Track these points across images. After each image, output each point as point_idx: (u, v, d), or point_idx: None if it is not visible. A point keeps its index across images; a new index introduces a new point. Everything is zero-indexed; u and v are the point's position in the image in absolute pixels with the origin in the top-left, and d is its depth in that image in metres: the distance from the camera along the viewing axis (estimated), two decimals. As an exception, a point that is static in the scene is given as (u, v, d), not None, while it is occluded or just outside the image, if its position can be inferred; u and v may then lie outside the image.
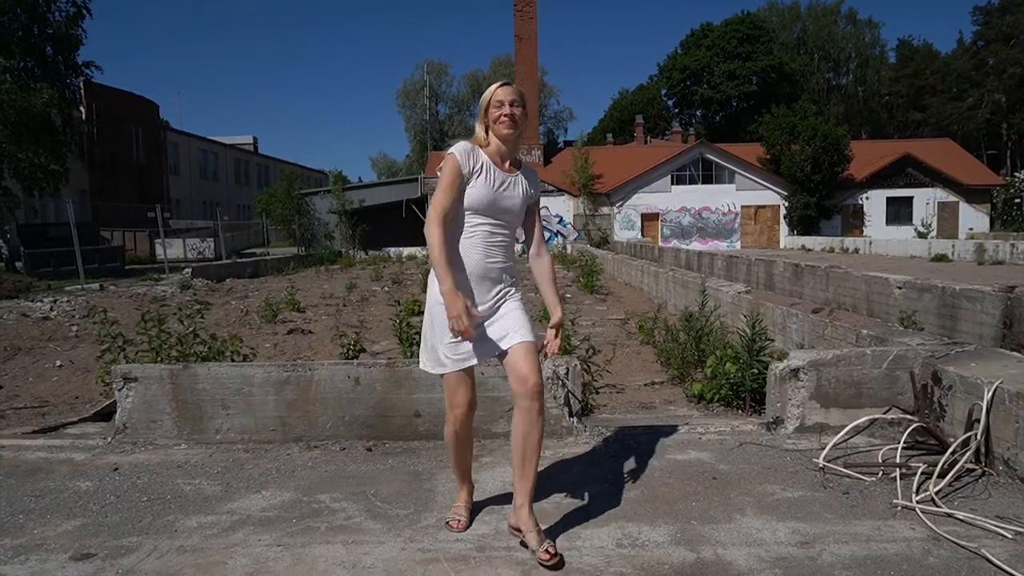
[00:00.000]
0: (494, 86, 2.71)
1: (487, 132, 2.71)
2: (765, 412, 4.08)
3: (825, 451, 3.43)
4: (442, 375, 2.67)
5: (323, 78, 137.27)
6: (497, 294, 2.68)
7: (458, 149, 2.62)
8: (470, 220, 2.64)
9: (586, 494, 3.12)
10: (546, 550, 2.44)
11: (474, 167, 2.62)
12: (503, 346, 2.61)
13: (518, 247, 2.88)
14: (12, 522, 2.93)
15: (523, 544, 2.56)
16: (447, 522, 2.80)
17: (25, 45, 21.59)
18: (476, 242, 2.63)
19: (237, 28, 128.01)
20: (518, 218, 2.75)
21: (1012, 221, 39.07)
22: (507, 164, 2.72)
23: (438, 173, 2.62)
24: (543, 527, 2.76)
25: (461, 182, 2.59)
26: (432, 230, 2.52)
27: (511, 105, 2.64)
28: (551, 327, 2.83)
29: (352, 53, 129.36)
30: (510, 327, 2.62)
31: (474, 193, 2.61)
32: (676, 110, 63.34)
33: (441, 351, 2.62)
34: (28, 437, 4.18)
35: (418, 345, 5.74)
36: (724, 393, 4.62)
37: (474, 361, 2.62)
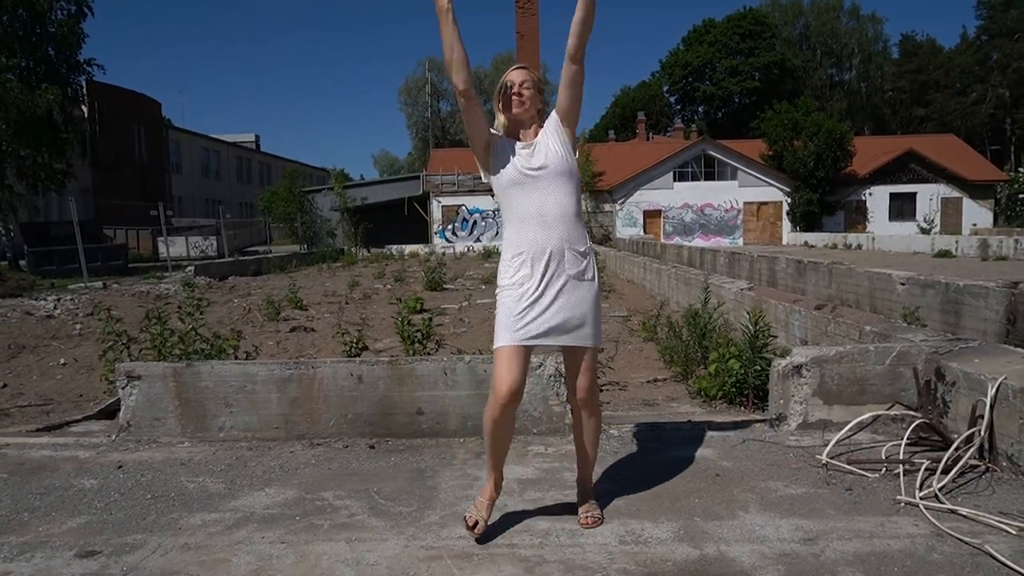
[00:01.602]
0: (509, 69, 2.83)
1: (503, 116, 2.83)
2: (768, 409, 4.07)
3: (828, 448, 3.42)
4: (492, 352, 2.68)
5: (325, 76, 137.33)
6: (566, 269, 2.63)
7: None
8: (512, 200, 2.67)
9: (589, 491, 3.12)
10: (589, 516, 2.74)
11: (496, 135, 2.76)
12: (570, 342, 2.64)
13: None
14: (17, 519, 2.94)
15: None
16: (465, 515, 2.68)
17: (27, 44, 21.60)
18: (528, 217, 2.64)
19: (239, 26, 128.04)
20: (567, 173, 2.68)
21: (1016, 217, 38.94)
22: (527, 134, 2.78)
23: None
24: (546, 524, 2.77)
25: (488, 124, 2.73)
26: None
27: (520, 85, 2.74)
28: None
29: (354, 50, 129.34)
30: (579, 323, 2.64)
31: (503, 171, 2.69)
32: (678, 107, 63.23)
33: (504, 323, 2.62)
34: (33, 435, 4.19)
35: (419, 343, 5.79)
36: (727, 390, 4.62)
37: (531, 340, 2.58)
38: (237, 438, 3.95)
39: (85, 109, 28.61)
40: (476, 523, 2.62)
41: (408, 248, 31.56)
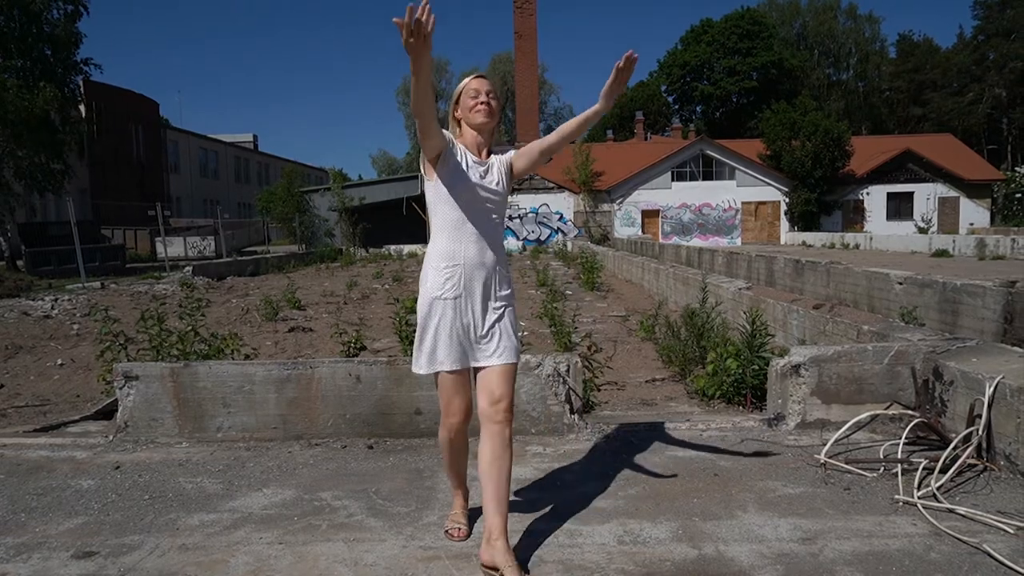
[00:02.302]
0: (468, 78, 2.64)
1: (460, 126, 2.65)
2: (766, 408, 4.08)
3: (826, 447, 3.42)
4: (435, 381, 2.57)
5: (323, 76, 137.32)
6: (494, 301, 2.55)
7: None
8: (452, 215, 2.51)
9: (587, 491, 3.12)
10: None
11: (452, 144, 2.53)
12: (482, 363, 2.50)
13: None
14: (14, 520, 2.93)
15: None
16: (446, 531, 2.70)
17: (23, 44, 21.56)
18: (467, 234, 2.51)
19: (237, 26, 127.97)
20: (503, 200, 2.64)
21: (1013, 216, 39.03)
22: (484, 154, 2.64)
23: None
24: (544, 524, 2.77)
25: (444, 138, 2.49)
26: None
27: (487, 95, 2.59)
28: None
29: (352, 50, 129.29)
30: (494, 346, 2.51)
31: (457, 180, 2.50)
32: (676, 106, 63.24)
33: (426, 346, 2.52)
34: (30, 435, 4.18)
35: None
36: (725, 389, 4.62)
37: (457, 365, 2.49)
38: (235, 438, 3.95)
39: (83, 109, 28.56)
40: (459, 529, 2.69)
41: (406, 248, 31.54)
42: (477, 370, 2.54)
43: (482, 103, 2.58)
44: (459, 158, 2.53)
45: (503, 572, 2.29)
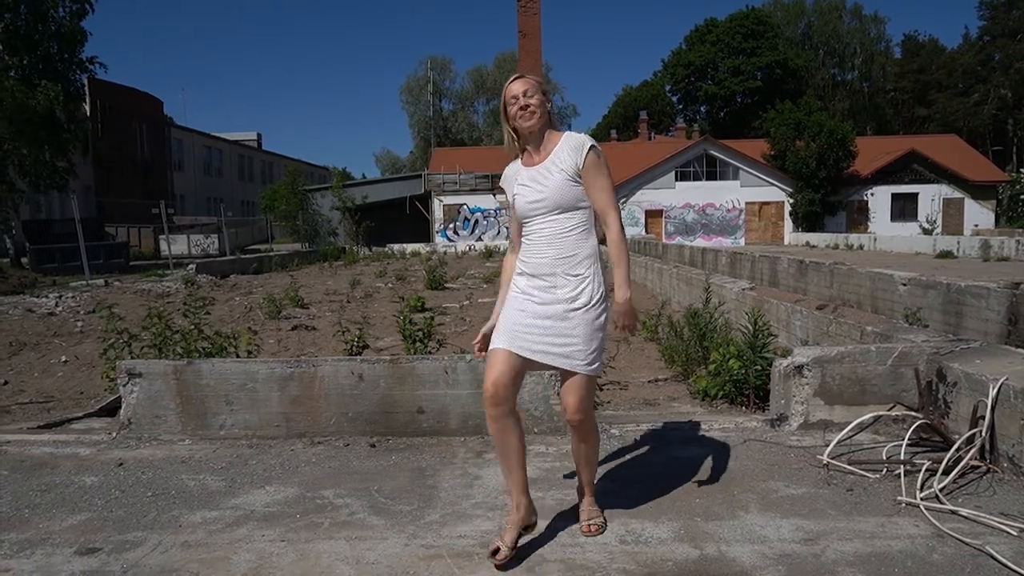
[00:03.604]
0: (508, 82, 2.62)
1: (516, 134, 2.63)
2: (769, 409, 4.07)
3: (829, 448, 3.42)
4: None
5: (327, 74, 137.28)
6: (566, 288, 2.52)
7: (505, 173, 2.73)
8: (525, 227, 2.63)
9: (589, 490, 3.11)
10: (586, 523, 2.68)
11: (511, 181, 2.68)
12: (564, 366, 2.52)
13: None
14: (18, 516, 2.94)
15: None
16: (491, 548, 2.46)
17: (29, 42, 21.62)
18: (531, 242, 2.59)
19: (241, 24, 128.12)
20: (566, 204, 2.53)
21: (1018, 217, 38.89)
22: (537, 157, 2.61)
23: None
24: (546, 523, 2.77)
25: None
26: (507, 258, 2.76)
27: (524, 96, 2.55)
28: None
29: (356, 49, 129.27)
30: (574, 352, 2.50)
31: (515, 205, 2.65)
32: (680, 106, 63.16)
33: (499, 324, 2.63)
34: (33, 432, 4.19)
35: (421, 342, 5.78)
36: (728, 390, 4.61)
37: (521, 352, 2.50)
38: (238, 436, 3.95)
39: (87, 107, 28.64)
40: (497, 550, 2.44)
41: (409, 247, 31.56)
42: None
43: (521, 108, 2.56)
44: (515, 184, 2.64)
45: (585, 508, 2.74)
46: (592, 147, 2.58)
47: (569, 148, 2.56)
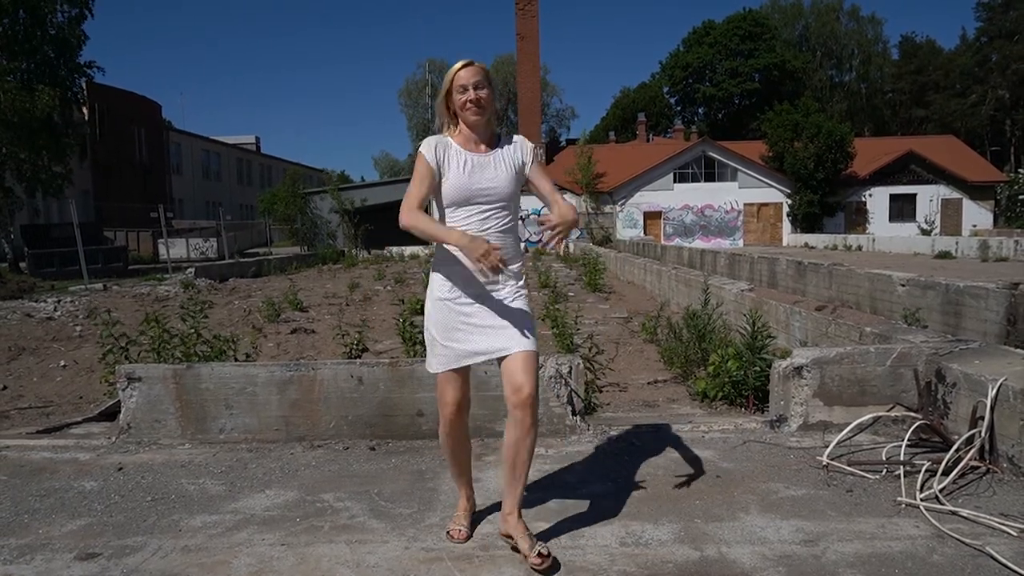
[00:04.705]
0: (456, 66, 2.49)
1: (456, 119, 2.55)
2: (769, 410, 4.07)
3: (829, 449, 3.42)
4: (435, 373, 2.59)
5: (325, 77, 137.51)
6: (501, 290, 2.55)
7: (426, 143, 2.53)
8: (455, 214, 2.51)
9: (589, 492, 3.12)
10: (538, 553, 2.37)
11: (442, 157, 2.50)
12: (503, 352, 2.49)
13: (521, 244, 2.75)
14: (17, 522, 2.94)
15: (515, 549, 2.51)
16: (447, 531, 2.71)
17: (27, 46, 21.61)
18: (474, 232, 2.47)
19: (239, 28, 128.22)
20: (511, 198, 2.55)
21: (1016, 218, 38.92)
22: (482, 146, 2.56)
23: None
24: (547, 525, 2.76)
25: (433, 176, 2.49)
26: (407, 215, 2.41)
27: (475, 88, 2.46)
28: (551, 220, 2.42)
29: (354, 52, 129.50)
30: (512, 332, 2.50)
31: (448, 184, 2.49)
32: (679, 108, 63.20)
33: (438, 349, 2.56)
34: (33, 437, 4.19)
35: (421, 344, 5.78)
36: (727, 391, 4.61)
37: (467, 362, 2.53)
38: (237, 440, 3.95)
39: (85, 111, 28.63)
40: (459, 531, 2.70)
41: (408, 249, 31.52)
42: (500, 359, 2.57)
43: (471, 101, 2.48)
44: (451, 164, 2.51)
45: (516, 540, 2.49)
46: (534, 146, 2.70)
47: (518, 147, 2.63)
